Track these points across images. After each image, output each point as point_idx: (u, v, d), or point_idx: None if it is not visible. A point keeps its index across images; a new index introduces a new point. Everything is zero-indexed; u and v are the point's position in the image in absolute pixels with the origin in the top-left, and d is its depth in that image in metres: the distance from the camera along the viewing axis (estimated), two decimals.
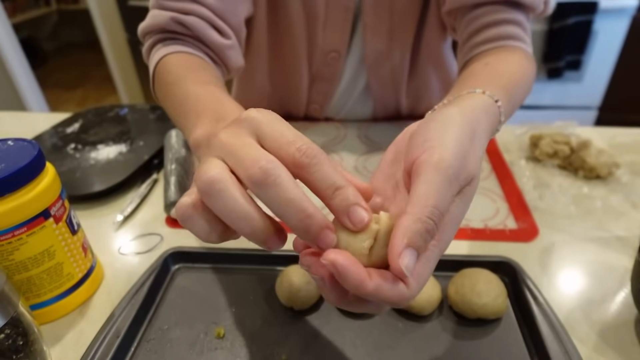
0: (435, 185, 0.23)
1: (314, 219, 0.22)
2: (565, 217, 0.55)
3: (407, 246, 0.22)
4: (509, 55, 0.50)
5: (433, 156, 0.24)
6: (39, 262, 0.40)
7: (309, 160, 0.23)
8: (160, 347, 0.41)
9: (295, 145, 0.23)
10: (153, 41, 0.53)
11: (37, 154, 0.38)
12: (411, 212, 0.23)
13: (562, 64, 1.74)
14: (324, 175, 0.23)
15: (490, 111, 0.32)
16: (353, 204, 0.23)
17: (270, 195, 0.22)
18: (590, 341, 0.40)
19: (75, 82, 3.39)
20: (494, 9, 0.52)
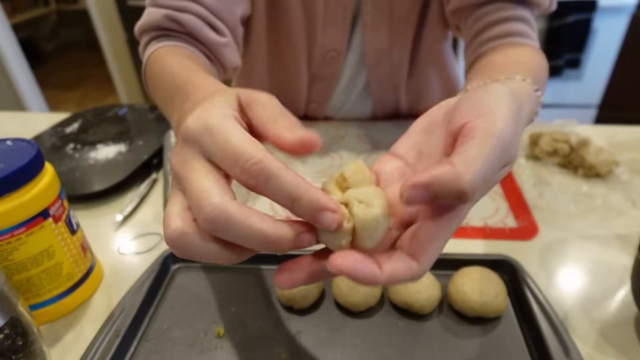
0: (487, 151, 0.21)
1: (281, 242, 0.21)
2: (565, 216, 0.55)
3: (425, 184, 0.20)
4: (522, 50, 0.49)
5: (490, 123, 0.22)
6: (38, 262, 0.40)
7: (255, 181, 0.21)
8: (160, 346, 0.41)
9: (238, 165, 0.21)
10: (148, 39, 0.52)
11: (36, 153, 0.38)
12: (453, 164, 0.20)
13: (561, 63, 1.74)
14: (276, 191, 0.21)
15: (531, 99, 0.31)
16: (317, 210, 0.21)
17: (227, 238, 0.21)
18: (590, 339, 0.39)
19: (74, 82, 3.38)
20: (499, 7, 0.52)
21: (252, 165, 0.21)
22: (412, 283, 0.24)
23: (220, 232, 0.21)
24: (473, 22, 0.54)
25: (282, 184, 0.21)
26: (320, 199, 0.21)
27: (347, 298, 0.42)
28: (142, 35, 0.53)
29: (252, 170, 0.21)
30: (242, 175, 0.21)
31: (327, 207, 0.21)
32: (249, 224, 0.21)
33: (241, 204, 0.21)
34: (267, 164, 0.21)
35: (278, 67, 0.74)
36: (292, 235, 0.22)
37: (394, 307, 0.43)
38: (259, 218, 0.21)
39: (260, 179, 0.21)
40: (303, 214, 0.21)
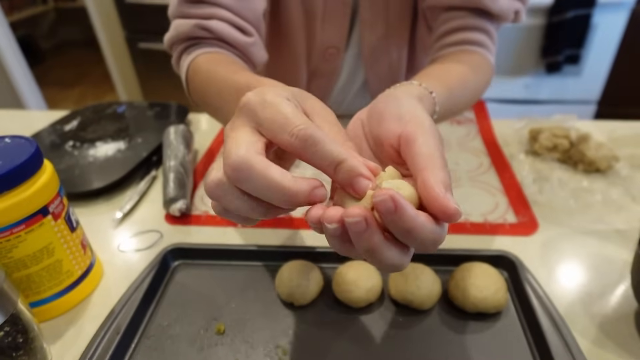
0: (433, 144, 0.25)
1: (298, 197, 0.23)
2: (564, 211, 0.55)
3: (446, 190, 0.23)
4: (467, 58, 0.52)
5: (419, 125, 0.26)
6: (38, 260, 0.40)
7: (303, 144, 0.24)
8: (160, 343, 0.41)
9: (287, 130, 0.24)
10: (181, 50, 0.54)
11: (34, 151, 0.38)
12: (430, 165, 0.24)
13: (560, 58, 1.73)
14: (322, 155, 0.24)
15: (425, 100, 0.36)
16: (355, 176, 0.24)
17: (248, 188, 0.23)
18: (590, 334, 0.40)
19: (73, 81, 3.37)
20: (464, 15, 0.55)
21: (301, 130, 0.23)
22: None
23: (242, 181, 0.23)
24: (440, 24, 0.57)
25: (327, 149, 0.24)
26: (359, 166, 0.24)
27: (347, 294, 0.42)
28: (173, 47, 0.55)
29: (301, 135, 0.23)
30: (291, 138, 0.24)
31: (364, 175, 0.24)
32: (269, 175, 0.22)
33: (265, 159, 0.23)
34: (315, 131, 0.24)
35: (277, 63, 0.73)
36: (307, 188, 0.23)
37: (394, 303, 0.43)
38: (278, 171, 0.23)
39: (308, 142, 0.23)
40: (342, 177, 0.24)
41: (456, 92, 0.44)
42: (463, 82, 0.46)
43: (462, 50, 0.54)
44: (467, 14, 0.54)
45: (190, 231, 0.54)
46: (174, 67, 0.57)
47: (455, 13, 0.55)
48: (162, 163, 0.63)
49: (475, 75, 0.50)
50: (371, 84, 0.74)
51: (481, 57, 0.54)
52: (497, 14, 0.54)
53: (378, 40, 0.68)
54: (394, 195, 0.21)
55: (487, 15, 0.54)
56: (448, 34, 0.56)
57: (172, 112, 0.81)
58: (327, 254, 0.47)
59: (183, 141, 0.65)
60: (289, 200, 0.23)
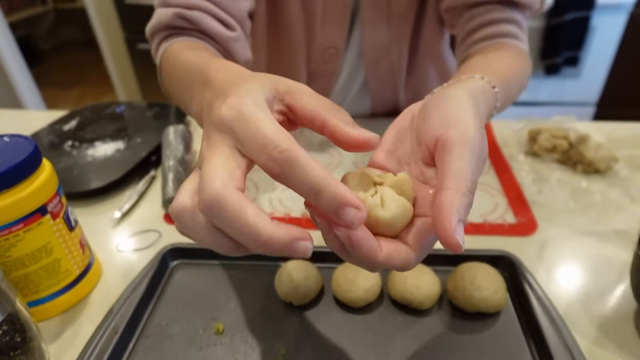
0: (469, 160, 0.23)
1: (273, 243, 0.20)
2: (564, 212, 0.55)
3: (459, 221, 0.22)
4: (506, 51, 0.51)
5: (462, 133, 0.24)
6: (37, 259, 0.40)
7: (280, 169, 0.21)
8: (159, 343, 0.40)
9: (265, 152, 0.21)
10: (160, 38, 0.53)
11: (33, 150, 0.38)
12: (454, 187, 0.22)
13: (559, 60, 1.74)
14: (300, 181, 0.21)
15: (488, 95, 0.33)
16: (340, 205, 0.21)
17: (220, 226, 0.21)
18: (589, 334, 0.40)
19: (72, 81, 3.37)
20: (491, 8, 0.53)
21: (280, 153, 0.21)
22: (405, 271, 0.25)
23: (215, 218, 0.21)
24: (465, 22, 0.55)
25: (307, 174, 0.21)
26: (345, 193, 0.20)
27: (346, 294, 0.42)
28: (154, 36, 0.54)
29: (279, 158, 0.21)
30: (269, 162, 0.21)
31: (351, 203, 0.21)
32: (243, 216, 0.20)
33: (242, 195, 0.21)
34: (294, 153, 0.21)
35: (277, 64, 0.73)
36: (285, 239, 0.20)
37: (393, 303, 0.43)
38: (254, 212, 0.20)
39: (286, 166, 0.21)
40: (326, 207, 0.21)
41: (510, 84, 0.42)
42: (513, 74, 0.44)
43: (496, 43, 0.52)
44: (494, 7, 0.53)
45: None
46: (153, 57, 0.55)
47: (481, 8, 0.54)
48: (161, 163, 0.63)
49: (520, 66, 0.48)
50: (371, 85, 0.74)
51: (517, 48, 0.52)
52: (524, 3, 0.52)
53: (379, 41, 0.68)
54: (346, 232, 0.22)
55: (514, 6, 0.53)
56: (477, 30, 0.54)
57: (172, 112, 0.81)
58: (327, 254, 0.47)
59: (182, 141, 0.65)
60: (263, 247, 0.20)
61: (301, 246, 0.20)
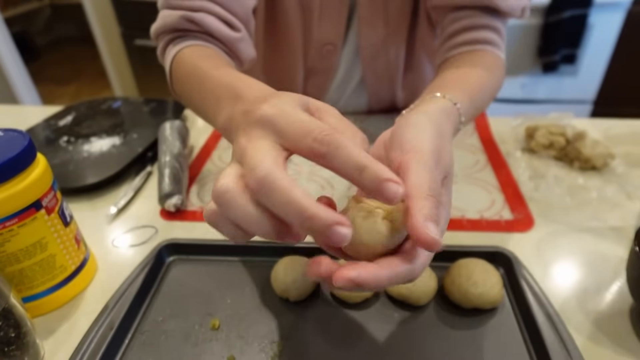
0: (424, 173, 0.26)
1: (316, 219, 0.22)
2: (560, 208, 0.55)
3: (426, 219, 0.24)
4: (480, 59, 0.52)
5: (414, 154, 0.28)
6: (31, 254, 0.40)
7: (327, 149, 0.23)
8: (154, 338, 0.40)
9: (311, 136, 0.24)
10: (166, 41, 0.53)
11: (27, 144, 0.38)
12: (415, 195, 0.25)
13: (557, 58, 1.74)
14: (346, 160, 0.23)
15: (450, 113, 0.36)
16: (383, 180, 0.23)
17: (268, 202, 0.23)
18: (585, 330, 0.40)
19: (68, 77, 3.35)
20: (472, 14, 0.54)
21: (326, 136, 0.23)
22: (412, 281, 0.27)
23: (265, 194, 0.23)
24: (448, 23, 0.57)
25: (352, 154, 0.23)
26: (386, 171, 0.23)
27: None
28: (159, 37, 0.54)
29: (326, 140, 0.23)
30: (314, 144, 0.24)
31: (392, 179, 0.23)
32: (292, 193, 0.22)
33: (290, 177, 0.23)
34: (339, 136, 0.24)
35: (274, 61, 0.73)
36: (329, 219, 0.22)
37: (390, 299, 0.43)
38: (302, 191, 0.22)
39: (332, 146, 0.23)
40: (369, 182, 0.23)
41: (477, 97, 0.44)
42: (482, 86, 0.46)
43: (474, 50, 0.54)
44: (476, 13, 0.54)
45: (186, 227, 0.54)
46: (159, 58, 0.56)
47: (464, 12, 0.55)
48: (157, 159, 0.62)
49: (492, 76, 0.50)
50: (368, 82, 0.74)
51: (493, 56, 0.54)
52: (506, 11, 0.54)
53: (376, 37, 0.68)
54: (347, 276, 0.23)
55: (495, 13, 0.54)
56: (457, 34, 0.55)
57: (168, 108, 0.81)
58: (323, 250, 0.47)
59: (179, 137, 0.64)
60: (307, 221, 0.22)
61: (341, 230, 0.22)
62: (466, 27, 0.55)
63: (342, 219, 0.22)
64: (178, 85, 0.50)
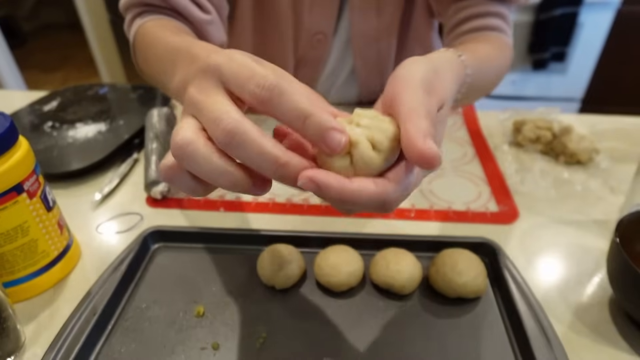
0: (417, 98, 0.25)
1: (289, 167, 0.22)
2: (545, 201, 0.55)
3: (425, 136, 0.22)
4: (489, 38, 0.52)
5: (407, 81, 0.26)
6: (12, 239, 0.39)
7: (269, 94, 0.23)
8: (138, 325, 0.40)
9: (253, 81, 0.23)
10: (133, 14, 0.52)
11: (9, 126, 0.37)
12: (410, 118, 0.23)
13: (547, 56, 1.75)
14: (289, 107, 0.23)
15: (452, 61, 0.34)
16: (326, 129, 0.22)
17: (239, 153, 0.23)
18: (566, 319, 0.40)
19: (55, 64, 3.29)
20: (477, 2, 0.54)
21: (267, 81, 0.23)
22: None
23: (235, 146, 0.22)
24: (453, 13, 0.57)
25: (295, 100, 0.22)
26: (329, 119, 0.22)
27: (328, 278, 0.42)
28: (127, 11, 0.53)
29: (267, 84, 0.22)
30: (257, 89, 0.23)
31: (336, 127, 0.22)
32: (263, 142, 0.22)
33: (256, 127, 0.22)
34: (282, 80, 0.23)
35: (263, 49, 0.72)
36: (298, 166, 0.22)
37: (375, 288, 0.43)
38: (272, 141, 0.22)
39: (275, 92, 0.22)
40: (312, 132, 0.22)
41: (485, 65, 0.42)
42: (490, 58, 0.45)
43: (482, 36, 0.54)
44: (480, 1, 0.54)
45: (172, 214, 0.54)
46: (126, 32, 0.54)
47: (468, 1, 0.55)
48: (144, 146, 0.61)
49: (500, 53, 0.49)
50: (359, 73, 0.73)
51: (501, 40, 0.54)
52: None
53: (368, 28, 0.67)
54: (313, 176, 0.22)
55: (500, 0, 0.54)
56: (463, 22, 0.55)
57: (157, 95, 0.80)
58: (309, 238, 0.47)
59: (166, 124, 0.64)
60: (280, 169, 0.22)
61: (309, 174, 0.22)
62: (472, 15, 0.54)
63: (310, 164, 0.23)
64: (140, 57, 0.48)
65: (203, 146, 0.23)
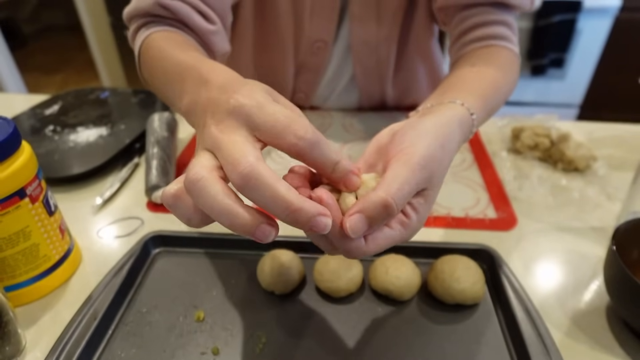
0: (401, 174, 0.27)
1: (302, 212, 0.23)
2: (543, 208, 0.56)
3: (358, 212, 0.26)
4: (496, 55, 0.52)
5: (404, 155, 0.29)
6: (14, 243, 0.39)
7: (310, 147, 0.25)
8: (138, 329, 0.40)
9: (292, 132, 0.25)
10: (138, 25, 0.52)
11: (12, 131, 0.37)
12: (377, 190, 0.27)
13: (545, 62, 1.76)
14: (325, 156, 0.26)
15: (464, 123, 0.36)
16: (349, 172, 0.27)
17: (253, 196, 0.23)
18: (563, 326, 0.41)
19: (55, 66, 3.29)
20: (483, 10, 0.55)
21: (307, 133, 0.25)
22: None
23: (250, 189, 0.23)
24: (458, 22, 0.57)
25: (330, 151, 0.26)
26: (351, 165, 0.27)
27: (328, 284, 0.42)
28: (132, 21, 0.54)
29: (307, 137, 0.25)
30: (298, 141, 0.25)
31: (354, 172, 0.28)
32: (278, 188, 0.23)
33: (273, 171, 0.24)
34: (318, 133, 0.26)
35: (264, 56, 0.73)
36: (313, 211, 0.23)
37: (374, 294, 0.43)
38: (286, 185, 0.23)
39: (315, 146, 0.25)
40: (338, 176, 0.27)
41: (491, 101, 0.44)
42: (497, 89, 0.46)
43: (487, 45, 0.54)
44: (485, 9, 0.54)
45: (172, 219, 0.54)
46: (130, 42, 0.55)
47: (473, 10, 0.55)
48: (145, 150, 0.62)
49: (506, 77, 0.50)
50: (359, 79, 0.74)
51: (507, 51, 0.54)
52: (516, 4, 0.54)
53: (367, 35, 0.68)
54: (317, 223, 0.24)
55: (505, 7, 0.55)
56: (469, 31, 0.55)
57: (157, 99, 0.80)
58: (309, 244, 0.47)
59: (167, 129, 0.64)
60: (292, 215, 0.23)
61: (323, 221, 0.23)
62: (477, 23, 0.55)
63: (323, 210, 0.24)
64: (145, 69, 0.49)
65: (213, 183, 0.24)
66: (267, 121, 0.25)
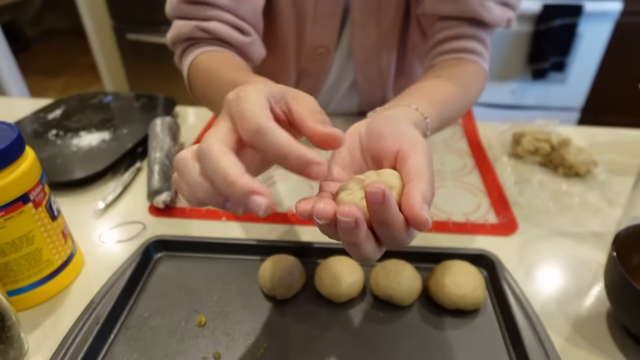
0: (424, 160, 0.28)
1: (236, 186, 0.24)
2: (543, 213, 0.56)
3: (423, 202, 0.25)
4: (463, 69, 0.55)
5: (414, 144, 0.30)
6: (17, 248, 0.39)
7: (253, 136, 0.25)
8: (140, 334, 0.40)
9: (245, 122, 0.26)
10: (182, 48, 0.56)
11: (16, 137, 0.38)
12: (416, 179, 0.27)
13: (546, 65, 1.76)
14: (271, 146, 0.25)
15: (419, 124, 0.39)
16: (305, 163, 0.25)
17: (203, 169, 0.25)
18: (564, 332, 0.41)
19: (58, 70, 3.30)
20: (459, 24, 0.57)
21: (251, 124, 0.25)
22: None
23: (201, 163, 0.25)
24: (437, 30, 0.59)
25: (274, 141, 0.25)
26: (307, 153, 0.25)
27: (329, 289, 0.42)
28: (175, 46, 0.58)
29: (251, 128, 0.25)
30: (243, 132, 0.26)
31: (313, 161, 0.25)
32: (221, 161, 0.24)
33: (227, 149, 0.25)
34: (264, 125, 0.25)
35: (266, 61, 0.73)
36: (246, 187, 0.24)
37: (375, 299, 0.44)
38: (231, 160, 0.24)
39: (257, 135, 0.25)
40: (293, 165, 0.25)
41: (446, 112, 0.46)
42: (454, 101, 0.49)
43: (458, 58, 0.56)
44: (462, 23, 0.56)
45: (174, 223, 0.54)
46: (177, 64, 0.59)
47: (451, 22, 0.57)
48: (147, 155, 0.62)
49: (467, 92, 0.52)
50: (360, 85, 0.74)
51: (476, 65, 0.56)
52: (491, 23, 0.56)
53: (368, 41, 0.68)
54: (385, 190, 0.24)
55: (480, 24, 0.56)
56: (444, 42, 0.58)
57: (159, 104, 0.81)
58: (310, 249, 0.47)
59: (169, 133, 0.64)
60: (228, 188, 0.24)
61: (256, 200, 0.23)
62: (452, 36, 0.57)
63: (261, 189, 0.24)
64: (197, 89, 0.54)
65: (189, 162, 0.26)
66: (236, 111, 0.27)
